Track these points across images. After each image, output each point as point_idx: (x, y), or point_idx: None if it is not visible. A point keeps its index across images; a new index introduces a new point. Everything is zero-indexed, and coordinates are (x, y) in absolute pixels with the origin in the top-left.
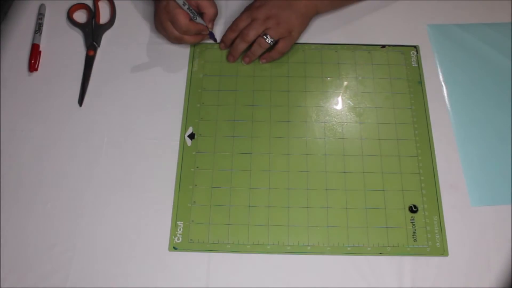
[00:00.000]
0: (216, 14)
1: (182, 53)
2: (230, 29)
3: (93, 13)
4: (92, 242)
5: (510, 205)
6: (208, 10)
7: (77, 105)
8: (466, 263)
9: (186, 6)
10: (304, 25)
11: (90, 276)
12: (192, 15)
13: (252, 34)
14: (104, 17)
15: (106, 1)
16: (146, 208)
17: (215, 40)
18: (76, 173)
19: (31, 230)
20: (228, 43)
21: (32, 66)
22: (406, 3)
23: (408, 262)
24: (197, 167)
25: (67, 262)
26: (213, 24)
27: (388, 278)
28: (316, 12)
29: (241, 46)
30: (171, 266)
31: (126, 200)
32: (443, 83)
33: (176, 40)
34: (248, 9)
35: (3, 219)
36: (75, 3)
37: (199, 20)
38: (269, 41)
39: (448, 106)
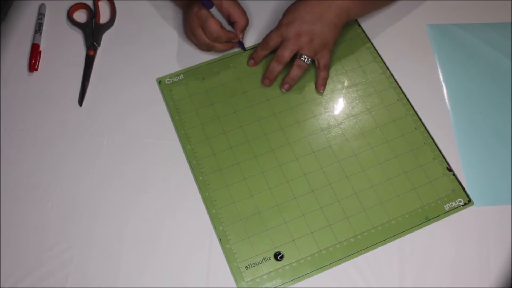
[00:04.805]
0: (247, 24)
1: (184, 52)
2: (261, 47)
3: (93, 13)
4: (92, 241)
5: (510, 205)
6: (240, 20)
7: (77, 105)
8: (466, 263)
9: (218, 14)
10: (337, 34)
11: (90, 276)
12: (222, 23)
13: (286, 55)
14: (104, 17)
15: (106, 1)
16: (146, 206)
17: (244, 48)
18: (76, 173)
19: (31, 230)
20: (258, 61)
21: (32, 66)
22: (406, 3)
23: (407, 263)
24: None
25: (67, 262)
26: (243, 34)
27: (388, 276)
28: (348, 19)
29: (277, 68)
30: (170, 264)
31: (126, 200)
32: (443, 83)
33: (206, 48)
34: (277, 27)
35: (3, 219)
36: (75, 3)
37: (229, 28)
38: (307, 61)
39: (448, 106)
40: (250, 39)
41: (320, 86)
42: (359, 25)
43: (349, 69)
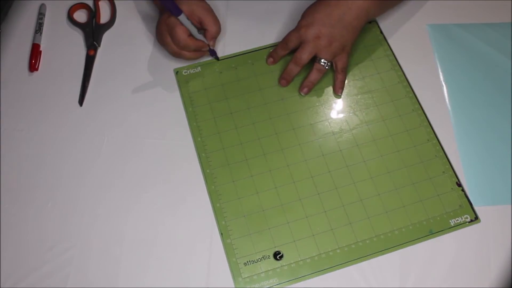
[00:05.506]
0: (218, 32)
1: None
2: (280, 47)
3: (94, 13)
4: (92, 241)
5: (510, 205)
6: (211, 28)
7: (77, 105)
8: (466, 263)
9: (188, 22)
10: (356, 37)
11: (90, 276)
12: (192, 31)
13: (305, 58)
14: (104, 17)
15: (106, 1)
16: (145, 207)
17: (216, 57)
18: (76, 173)
19: (31, 230)
20: (277, 60)
21: (33, 66)
22: (406, 3)
23: (409, 262)
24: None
25: (67, 262)
26: (214, 42)
27: (390, 277)
28: (367, 20)
29: (295, 70)
30: (171, 257)
31: (126, 200)
32: (443, 83)
33: (175, 55)
34: (296, 28)
35: (3, 219)
36: (76, 2)
37: (199, 36)
38: (327, 66)
39: (448, 106)
40: (269, 38)
41: (338, 89)
42: (381, 32)
43: (367, 75)
